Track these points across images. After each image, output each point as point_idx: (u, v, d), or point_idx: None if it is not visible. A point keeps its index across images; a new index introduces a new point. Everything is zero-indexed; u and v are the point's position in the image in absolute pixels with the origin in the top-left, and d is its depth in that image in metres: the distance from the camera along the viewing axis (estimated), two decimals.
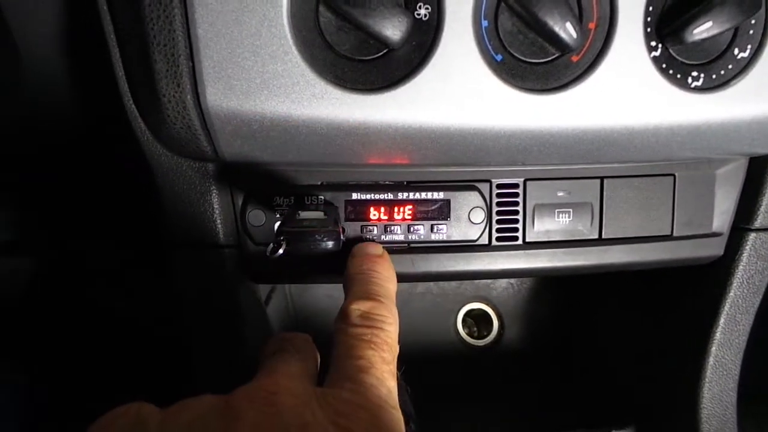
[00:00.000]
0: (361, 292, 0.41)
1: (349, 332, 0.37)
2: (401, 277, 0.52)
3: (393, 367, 0.37)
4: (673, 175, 0.55)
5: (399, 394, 0.36)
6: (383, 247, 0.48)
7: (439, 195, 0.52)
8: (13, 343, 0.89)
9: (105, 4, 0.43)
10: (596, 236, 0.55)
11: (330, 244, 0.39)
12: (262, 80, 0.40)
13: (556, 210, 0.54)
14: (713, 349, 0.60)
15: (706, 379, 0.61)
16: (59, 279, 0.92)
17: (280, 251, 0.38)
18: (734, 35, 0.44)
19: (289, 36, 0.39)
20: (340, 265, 0.51)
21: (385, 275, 0.43)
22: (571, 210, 0.54)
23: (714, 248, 0.58)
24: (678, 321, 0.66)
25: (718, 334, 0.60)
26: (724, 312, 0.59)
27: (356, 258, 0.45)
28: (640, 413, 0.72)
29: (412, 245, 0.52)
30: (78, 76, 0.51)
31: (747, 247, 0.58)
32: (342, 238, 0.46)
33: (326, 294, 0.86)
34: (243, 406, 0.30)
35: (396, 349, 0.38)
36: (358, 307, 0.39)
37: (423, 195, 0.51)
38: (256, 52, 0.39)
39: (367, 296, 0.40)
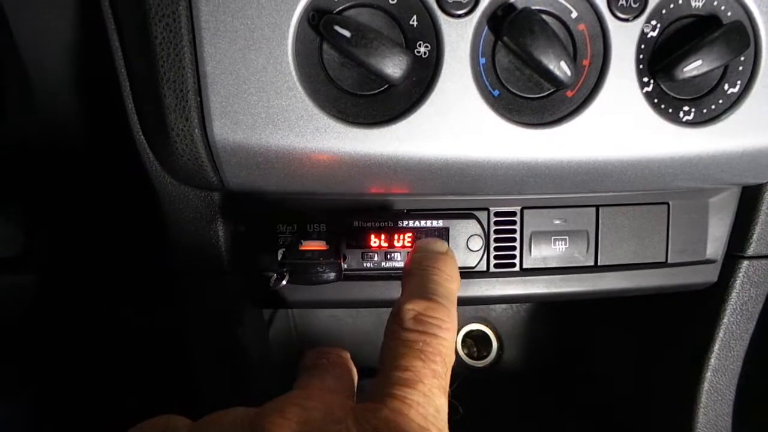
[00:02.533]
0: (419, 290, 0.36)
1: (400, 336, 0.33)
2: None
3: (445, 382, 0.32)
4: (667, 204, 0.56)
5: (449, 414, 0.32)
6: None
7: (438, 223, 0.53)
8: (16, 359, 0.89)
9: (117, 41, 0.45)
10: (592, 263, 0.56)
11: (332, 275, 0.40)
12: (267, 115, 0.41)
13: (553, 237, 0.55)
14: (708, 375, 0.61)
15: (702, 405, 0.62)
16: (63, 296, 0.93)
17: (283, 282, 0.39)
18: (724, 71, 0.46)
19: (293, 73, 0.41)
20: (343, 291, 0.53)
21: (448, 274, 0.38)
22: (567, 237, 0.55)
23: (708, 275, 0.59)
24: (673, 347, 0.66)
25: (712, 360, 0.61)
26: (719, 338, 0.60)
27: (418, 253, 0.40)
28: None
29: None
30: (88, 107, 0.53)
31: (740, 275, 0.59)
32: (344, 266, 0.47)
33: (329, 314, 0.87)
34: (274, 421, 0.28)
35: (451, 359, 0.33)
36: (413, 307, 0.34)
37: (422, 223, 0.53)
38: (261, 88, 0.41)
39: (425, 295, 0.35)
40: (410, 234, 0.52)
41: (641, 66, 0.44)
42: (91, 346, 0.92)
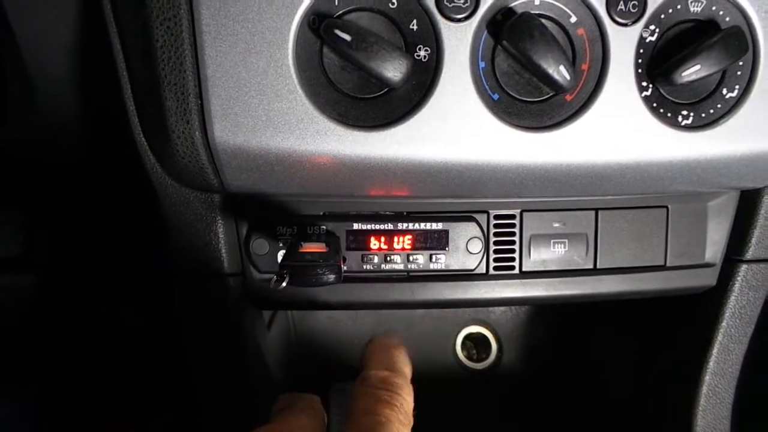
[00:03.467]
0: (381, 364, 0.41)
1: (369, 393, 0.38)
2: (401, 305, 0.54)
3: (407, 430, 0.37)
4: (666, 207, 0.56)
5: None
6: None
7: (437, 225, 0.53)
8: (16, 360, 0.89)
9: (118, 43, 0.45)
10: (591, 266, 0.56)
11: (331, 277, 0.40)
12: (268, 117, 0.41)
13: (552, 240, 0.55)
14: (707, 378, 0.61)
15: (700, 407, 0.62)
16: (63, 296, 0.93)
17: (283, 284, 0.39)
18: (723, 76, 0.46)
19: (294, 76, 0.41)
20: (343, 293, 0.53)
21: (403, 359, 0.43)
22: (566, 240, 0.55)
23: (707, 278, 0.59)
24: (672, 350, 0.67)
25: (711, 363, 0.61)
26: (718, 341, 0.60)
27: (374, 343, 0.46)
28: None
29: (411, 274, 0.53)
30: (89, 106, 0.53)
31: (739, 278, 0.59)
32: (343, 268, 0.47)
33: (328, 316, 0.87)
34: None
35: (411, 420, 0.38)
36: (378, 373, 0.40)
37: (422, 225, 0.53)
38: (262, 91, 0.41)
39: (387, 367, 0.41)
40: (410, 236, 0.53)
41: (640, 70, 0.44)
42: (91, 347, 0.92)
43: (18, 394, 0.87)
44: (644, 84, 0.45)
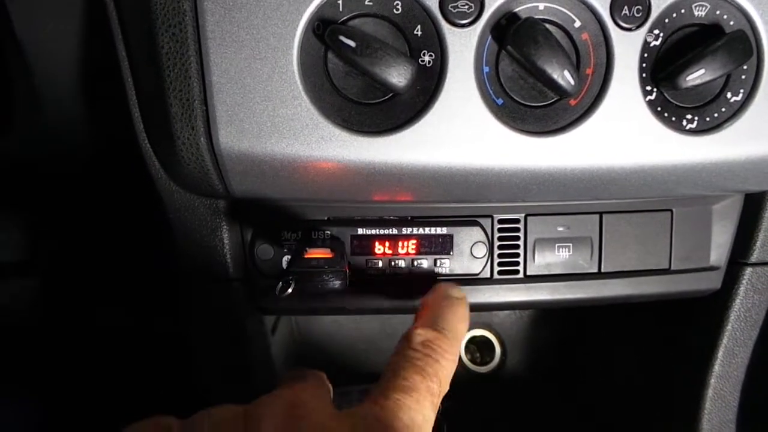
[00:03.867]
0: (430, 322, 0.39)
1: (405, 354, 0.36)
2: (403, 310, 0.54)
3: (437, 399, 0.35)
4: (671, 211, 0.56)
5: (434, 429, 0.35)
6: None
7: (442, 230, 0.53)
8: (19, 362, 0.90)
9: (123, 50, 0.45)
10: (596, 270, 0.56)
11: (337, 284, 0.40)
12: (273, 123, 0.42)
13: (557, 244, 0.55)
14: (712, 381, 0.61)
15: (706, 411, 0.62)
16: (67, 300, 0.93)
17: (289, 290, 0.39)
18: (727, 80, 0.46)
19: (298, 82, 0.41)
20: (347, 298, 0.53)
21: (460, 315, 0.41)
22: (570, 244, 0.55)
23: (711, 282, 0.59)
24: (677, 353, 0.67)
25: (716, 367, 0.61)
26: (723, 345, 0.60)
27: (435, 293, 0.44)
28: None
29: (416, 279, 0.53)
30: (95, 113, 0.53)
31: (744, 281, 0.59)
32: (348, 273, 0.48)
33: (332, 320, 0.87)
34: (265, 412, 0.31)
35: (446, 385, 0.37)
36: (423, 333, 0.38)
37: (426, 230, 0.53)
38: (267, 97, 0.41)
39: (436, 326, 0.39)
40: (414, 241, 0.53)
41: (644, 75, 0.44)
42: (94, 351, 0.92)
43: (21, 397, 0.87)
44: (648, 88, 0.45)
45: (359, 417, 0.31)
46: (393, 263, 0.53)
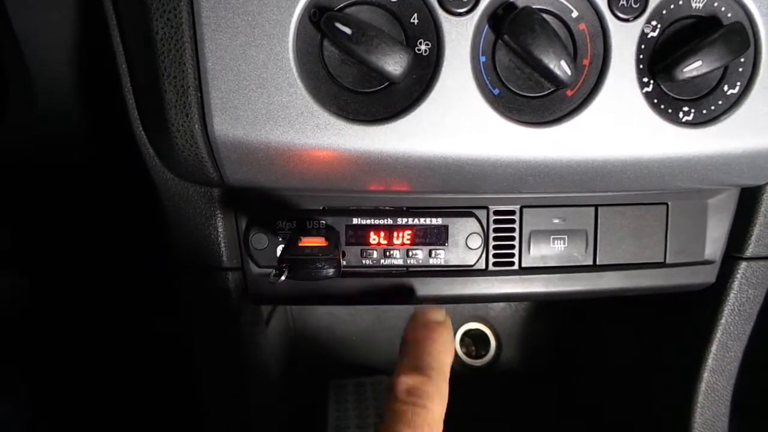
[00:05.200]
0: (412, 364, 0.40)
1: (392, 408, 0.38)
2: (399, 301, 0.54)
3: None
4: (666, 204, 0.56)
5: None
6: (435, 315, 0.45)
7: (437, 221, 0.53)
8: (14, 355, 0.89)
9: (118, 36, 0.45)
10: (591, 262, 0.56)
11: (330, 271, 0.40)
12: (268, 111, 0.41)
13: (552, 236, 0.55)
14: (705, 375, 0.61)
15: (699, 405, 0.62)
16: (60, 294, 0.93)
17: (282, 278, 0.39)
18: (724, 72, 0.46)
19: (294, 69, 0.41)
20: (342, 288, 0.53)
21: (441, 346, 0.41)
22: (566, 236, 0.55)
23: (706, 276, 0.59)
24: (671, 347, 0.67)
25: (710, 360, 0.61)
26: (716, 339, 0.60)
27: (415, 322, 0.44)
28: None
29: (411, 269, 0.53)
30: (89, 102, 0.53)
31: (738, 275, 0.59)
32: (342, 262, 0.47)
33: (327, 312, 0.87)
34: None
35: (438, 429, 0.38)
36: (405, 380, 0.38)
37: (422, 221, 0.53)
38: (262, 85, 0.41)
39: (417, 369, 0.39)
40: (409, 231, 0.53)
41: (641, 66, 0.44)
42: (89, 345, 0.92)
43: (15, 393, 0.87)
44: (645, 80, 0.45)
45: None
46: (388, 253, 0.52)
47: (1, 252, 0.86)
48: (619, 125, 0.45)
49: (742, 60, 0.46)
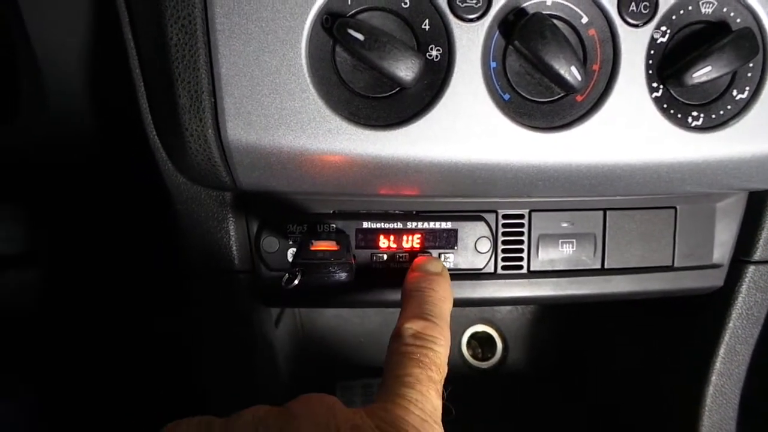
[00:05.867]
0: (416, 312, 0.41)
1: (400, 350, 0.38)
2: None
3: (439, 386, 0.37)
4: (675, 208, 0.57)
5: (443, 415, 0.37)
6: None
7: (446, 225, 0.53)
8: (21, 357, 0.90)
9: (131, 41, 0.45)
10: (599, 266, 0.56)
11: (343, 276, 0.41)
12: (280, 116, 0.42)
13: (560, 240, 0.55)
14: (713, 378, 0.62)
15: (707, 408, 0.62)
16: (68, 295, 0.93)
17: (295, 282, 0.39)
18: (733, 77, 0.46)
19: (306, 75, 0.41)
20: (352, 291, 0.53)
21: (441, 294, 0.43)
22: (574, 240, 0.56)
23: (714, 279, 0.59)
24: (678, 350, 0.67)
25: (718, 364, 0.61)
26: (724, 342, 0.61)
27: (415, 273, 0.46)
28: None
29: None
30: (101, 103, 0.53)
31: (747, 279, 0.59)
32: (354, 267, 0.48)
33: (336, 314, 0.88)
34: (300, 408, 0.33)
35: (444, 369, 0.39)
36: (411, 326, 0.40)
37: (431, 224, 0.53)
38: (275, 90, 0.41)
39: (421, 316, 0.41)
40: (419, 235, 0.53)
41: (650, 71, 0.45)
42: (96, 345, 0.92)
43: (20, 392, 0.87)
44: (655, 85, 0.45)
45: (378, 416, 0.33)
46: (397, 257, 0.53)
47: (12, 252, 0.87)
48: (629, 130, 0.45)
49: (751, 65, 0.46)
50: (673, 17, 0.44)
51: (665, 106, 0.45)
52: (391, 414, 0.33)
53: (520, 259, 0.55)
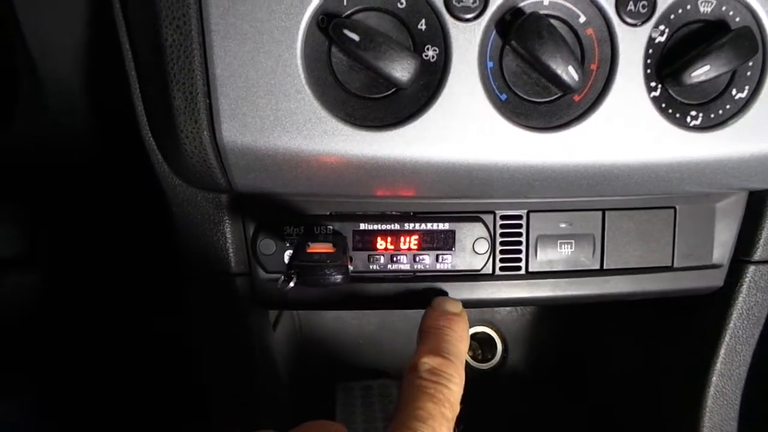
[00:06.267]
0: (433, 348, 0.42)
1: (415, 383, 0.39)
2: (406, 306, 0.54)
3: (451, 424, 0.38)
4: (674, 208, 0.56)
5: None
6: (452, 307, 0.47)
7: (444, 226, 0.53)
8: (22, 357, 0.90)
9: (127, 42, 0.45)
10: (598, 267, 0.56)
11: (339, 278, 0.40)
12: (276, 117, 0.41)
13: (559, 241, 0.55)
14: (714, 379, 0.61)
15: (707, 409, 0.62)
16: (68, 296, 0.93)
17: (291, 284, 0.39)
18: (732, 76, 0.46)
19: (302, 75, 0.41)
20: (349, 293, 0.53)
21: (459, 335, 0.44)
22: (573, 241, 0.55)
23: (714, 280, 0.59)
24: (679, 351, 0.66)
25: (718, 365, 0.61)
26: (725, 343, 0.60)
27: (434, 312, 0.46)
28: None
29: (418, 274, 0.53)
30: (97, 105, 0.53)
31: (747, 279, 0.58)
32: (350, 268, 0.48)
33: (334, 316, 0.87)
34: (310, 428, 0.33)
35: (457, 408, 0.39)
36: (428, 361, 0.40)
37: (428, 226, 0.53)
38: (270, 91, 0.41)
39: (438, 353, 0.41)
40: (416, 236, 0.53)
41: (649, 71, 0.44)
42: (95, 347, 0.92)
43: (21, 393, 0.87)
44: (653, 84, 0.45)
45: None
46: (395, 258, 0.52)
47: (11, 253, 0.87)
48: (627, 130, 0.45)
49: (750, 64, 0.45)
50: (672, 16, 0.44)
51: (664, 105, 0.45)
52: None
53: (519, 260, 0.55)
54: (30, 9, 0.48)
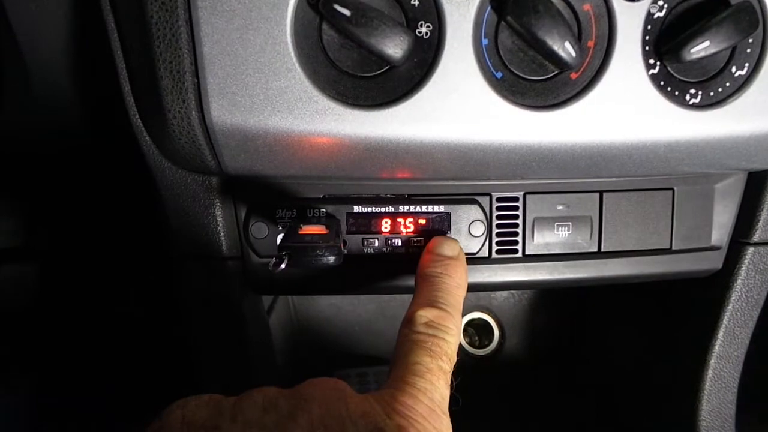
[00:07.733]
0: (429, 299, 0.41)
1: (411, 338, 0.38)
2: (401, 290, 0.53)
3: (449, 376, 0.37)
4: (672, 189, 0.56)
5: (450, 404, 0.37)
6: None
7: (439, 208, 0.52)
8: (19, 349, 0.89)
9: (112, 21, 0.44)
10: (595, 249, 0.55)
11: (331, 259, 0.39)
12: (266, 96, 0.40)
13: (556, 223, 0.54)
14: (712, 362, 0.61)
15: (705, 392, 0.61)
16: (65, 284, 0.93)
17: (282, 266, 0.38)
18: (732, 54, 0.45)
19: (292, 53, 0.40)
20: (343, 277, 0.52)
21: (456, 282, 0.43)
22: (570, 223, 0.54)
23: (713, 262, 0.58)
24: (677, 334, 0.66)
25: (717, 347, 0.60)
26: (723, 325, 0.60)
27: (431, 255, 0.45)
28: (639, 425, 0.73)
29: (413, 258, 0.52)
30: (85, 89, 0.52)
31: (745, 261, 0.58)
32: (344, 251, 0.47)
33: (329, 303, 0.87)
34: (310, 391, 0.33)
35: (454, 360, 0.39)
36: (424, 314, 0.39)
37: (424, 208, 0.52)
38: (260, 69, 0.40)
39: (434, 304, 0.40)
40: (411, 219, 0.52)
41: (647, 47, 0.43)
42: (91, 336, 0.92)
43: (17, 385, 0.87)
44: (651, 61, 0.44)
45: (387, 403, 0.33)
46: (390, 242, 0.52)
47: (5, 244, 0.86)
48: (625, 108, 0.44)
49: (750, 41, 0.45)
50: None
51: (662, 83, 0.44)
52: (400, 401, 0.33)
53: (515, 242, 0.54)
54: None
